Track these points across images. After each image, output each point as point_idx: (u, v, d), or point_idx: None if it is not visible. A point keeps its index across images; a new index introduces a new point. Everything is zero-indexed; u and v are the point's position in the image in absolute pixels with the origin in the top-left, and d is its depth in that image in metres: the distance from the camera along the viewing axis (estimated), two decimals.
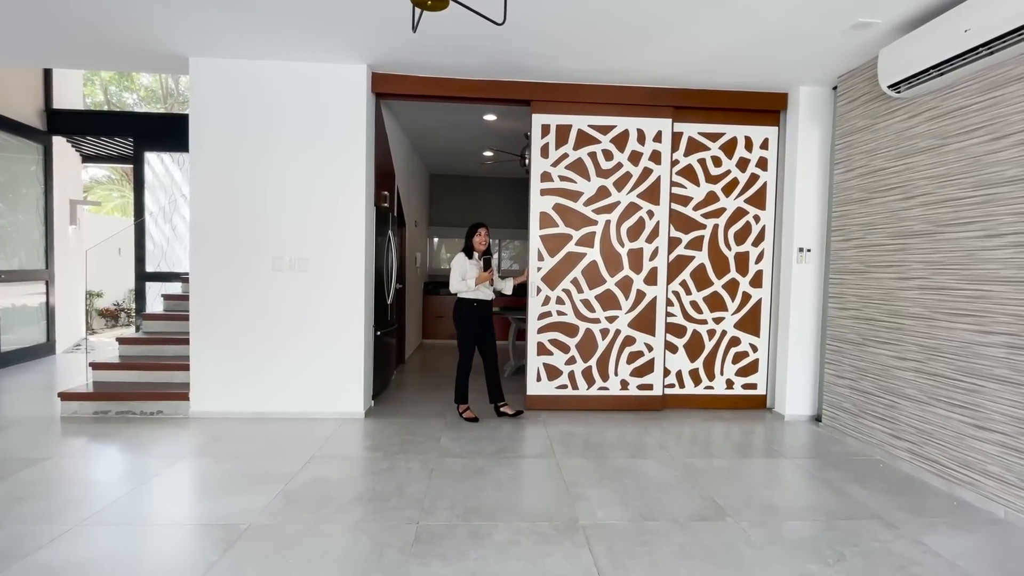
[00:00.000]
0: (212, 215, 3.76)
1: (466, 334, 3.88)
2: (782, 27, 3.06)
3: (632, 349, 4.20)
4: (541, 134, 4.11)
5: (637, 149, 4.14)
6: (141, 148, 6.13)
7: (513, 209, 8.44)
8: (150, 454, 3.11)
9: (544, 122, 4.10)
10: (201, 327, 3.79)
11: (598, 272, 4.18)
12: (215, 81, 3.72)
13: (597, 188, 4.15)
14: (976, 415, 2.68)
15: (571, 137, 4.13)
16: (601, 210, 4.16)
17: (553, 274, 4.17)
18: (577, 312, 4.18)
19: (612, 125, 4.13)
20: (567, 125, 4.12)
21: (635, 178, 4.15)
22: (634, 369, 4.21)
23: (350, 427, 3.66)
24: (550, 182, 4.15)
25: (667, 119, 4.12)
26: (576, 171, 4.15)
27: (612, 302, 4.19)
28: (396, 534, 2.23)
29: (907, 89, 3.00)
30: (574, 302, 4.18)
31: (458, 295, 3.89)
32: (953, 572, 2.05)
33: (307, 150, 3.78)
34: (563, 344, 4.18)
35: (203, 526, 2.29)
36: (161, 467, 2.92)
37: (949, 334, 2.84)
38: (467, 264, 3.84)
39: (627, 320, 4.20)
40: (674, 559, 2.09)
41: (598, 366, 4.20)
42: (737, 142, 4.23)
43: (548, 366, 4.18)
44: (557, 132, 4.12)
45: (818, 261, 4.07)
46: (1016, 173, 2.51)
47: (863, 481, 2.91)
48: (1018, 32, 2.33)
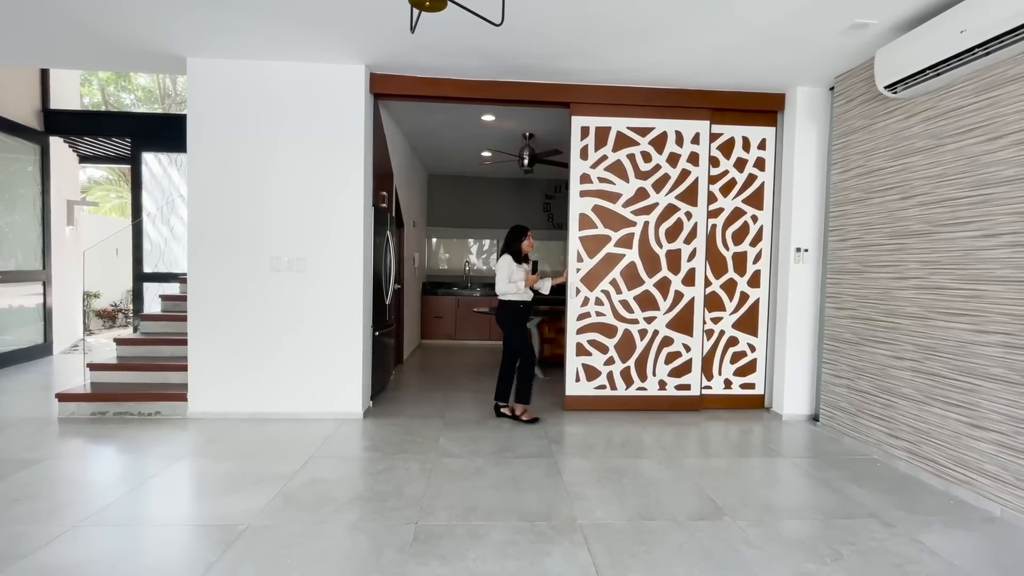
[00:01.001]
0: (210, 215, 3.76)
1: (520, 333, 3.91)
2: (779, 28, 3.07)
3: (670, 349, 4.24)
4: (580, 136, 4.14)
5: (675, 151, 4.18)
6: (139, 148, 6.12)
7: (511, 209, 8.45)
8: (148, 455, 3.11)
9: (583, 124, 4.13)
10: (199, 327, 3.78)
11: (637, 273, 4.21)
12: (213, 81, 3.72)
13: (636, 190, 4.18)
14: (973, 414, 2.69)
15: (610, 139, 4.16)
16: (640, 211, 4.20)
17: (592, 275, 4.20)
18: (616, 313, 4.21)
19: (651, 127, 4.17)
20: (606, 127, 4.15)
21: (673, 179, 4.19)
22: (672, 369, 4.25)
23: (348, 427, 3.66)
24: (589, 184, 4.17)
25: (705, 121, 4.16)
26: (615, 173, 4.18)
27: (651, 303, 4.22)
28: (395, 534, 2.23)
29: (904, 89, 3.01)
30: (613, 303, 4.21)
31: (503, 297, 3.90)
32: (950, 570, 2.05)
33: (305, 150, 3.78)
34: (602, 345, 4.21)
35: (201, 527, 2.29)
36: (159, 468, 2.91)
37: (946, 333, 2.85)
38: (514, 266, 3.86)
39: (665, 321, 4.23)
40: (672, 558, 2.10)
41: (636, 366, 4.23)
42: (735, 142, 4.24)
43: (587, 366, 4.21)
44: (596, 134, 4.15)
45: (816, 261, 4.08)
46: (1013, 173, 2.52)
47: (860, 480, 2.92)
48: (1014, 33, 2.34)
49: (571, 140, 4.14)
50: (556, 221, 8.52)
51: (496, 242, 8.53)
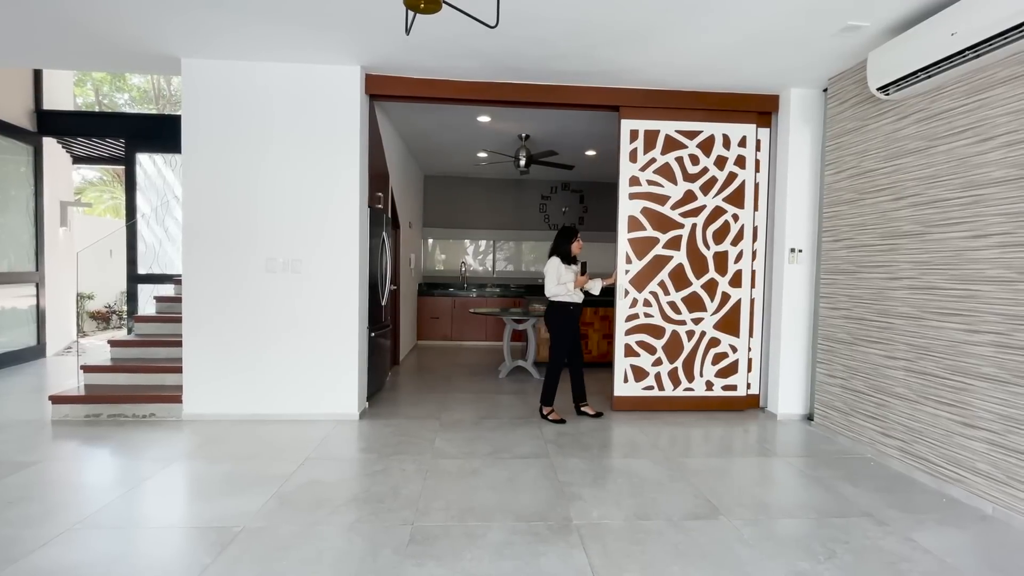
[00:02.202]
0: (205, 216, 3.75)
1: (564, 337, 3.92)
2: (773, 30, 3.09)
3: (717, 350, 4.27)
4: (629, 139, 4.18)
5: (723, 154, 4.22)
6: (133, 149, 6.09)
7: (507, 210, 8.46)
8: (143, 457, 3.09)
9: (632, 127, 4.17)
10: (194, 329, 3.77)
11: (684, 274, 4.24)
12: (208, 82, 3.71)
13: (684, 192, 4.22)
14: (965, 413, 2.72)
15: (659, 142, 4.20)
16: (688, 214, 4.23)
17: (640, 277, 4.23)
18: (664, 314, 4.24)
19: (699, 130, 4.21)
20: (655, 130, 4.19)
21: (720, 182, 4.22)
22: (719, 370, 4.28)
23: (344, 429, 3.66)
24: (638, 186, 4.20)
25: (751, 124, 4.21)
26: (664, 175, 4.21)
27: (698, 304, 4.25)
28: (391, 535, 2.24)
29: (896, 91, 3.03)
30: (661, 304, 4.24)
31: (552, 299, 3.92)
32: (942, 568, 2.07)
33: (300, 151, 3.78)
34: (650, 346, 4.25)
35: (196, 529, 2.28)
36: (154, 470, 2.90)
37: (938, 333, 2.87)
38: (563, 268, 3.89)
39: (712, 322, 4.26)
40: (667, 557, 2.10)
41: (684, 367, 4.26)
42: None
43: (635, 367, 4.25)
44: (645, 137, 4.19)
45: (810, 261, 4.11)
46: (1002, 174, 2.55)
47: (854, 479, 2.94)
48: (1003, 36, 2.37)
49: (620, 143, 4.18)
50: (552, 222, 8.53)
51: (492, 243, 8.54)
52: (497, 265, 8.58)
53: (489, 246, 8.56)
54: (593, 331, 6.10)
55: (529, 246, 8.59)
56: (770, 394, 4.26)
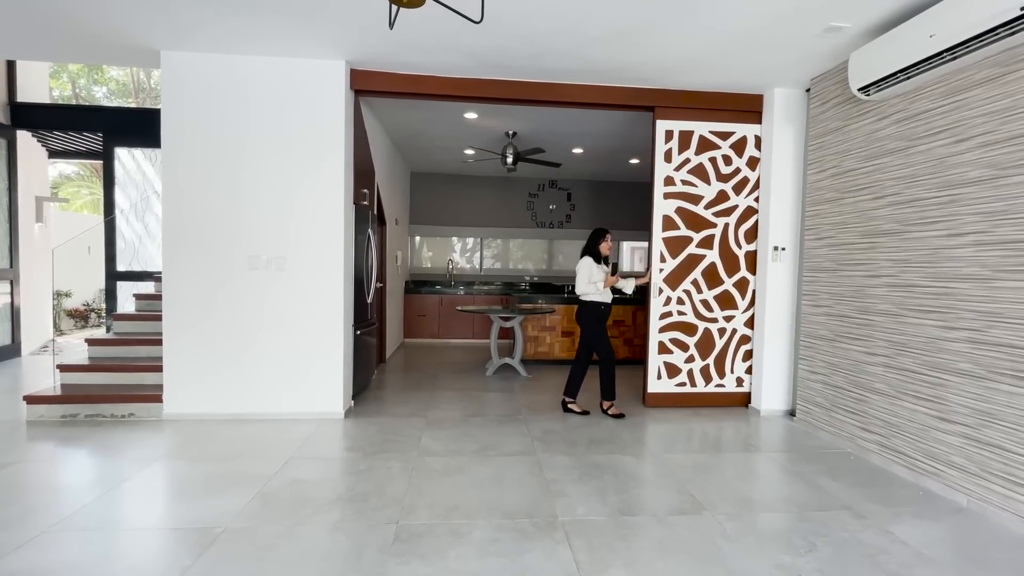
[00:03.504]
0: (186, 213, 3.68)
1: (603, 332, 4.00)
2: (759, 30, 3.12)
3: (748, 348, 4.35)
4: (664, 139, 4.23)
5: (755, 155, 4.28)
6: (111, 143, 5.96)
7: (495, 208, 8.44)
8: (121, 458, 3.03)
9: (667, 128, 4.23)
10: (175, 327, 3.70)
11: (717, 273, 4.30)
12: (189, 75, 3.64)
13: (717, 192, 4.27)
14: (941, 408, 2.78)
15: (693, 143, 4.25)
16: (720, 213, 4.28)
17: (674, 275, 4.28)
18: (696, 312, 4.30)
19: (731, 131, 4.26)
20: (689, 131, 4.25)
21: (752, 183, 4.28)
22: (749, 367, 4.37)
23: (329, 427, 3.62)
24: (672, 186, 4.26)
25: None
26: (697, 175, 4.26)
27: (730, 302, 4.32)
28: (375, 534, 2.22)
29: (876, 92, 3.08)
30: (694, 302, 4.30)
31: (584, 298, 3.99)
32: (918, 560, 2.12)
33: (284, 147, 3.72)
34: (683, 343, 4.31)
35: (177, 530, 2.24)
36: (133, 471, 2.85)
37: (916, 330, 2.93)
38: (594, 267, 3.95)
39: (743, 320, 4.33)
40: (651, 553, 2.12)
41: (716, 364, 4.33)
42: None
43: (668, 364, 4.31)
44: (680, 138, 4.24)
45: (793, 259, 4.16)
46: (978, 175, 2.61)
47: (834, 473, 3.00)
48: (979, 38, 2.42)
49: (655, 143, 4.23)
50: (539, 220, 8.54)
51: (479, 240, 8.52)
52: (485, 263, 8.56)
53: (476, 244, 8.54)
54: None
55: (517, 244, 8.59)
56: (754, 390, 4.32)
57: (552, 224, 8.55)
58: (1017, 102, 2.43)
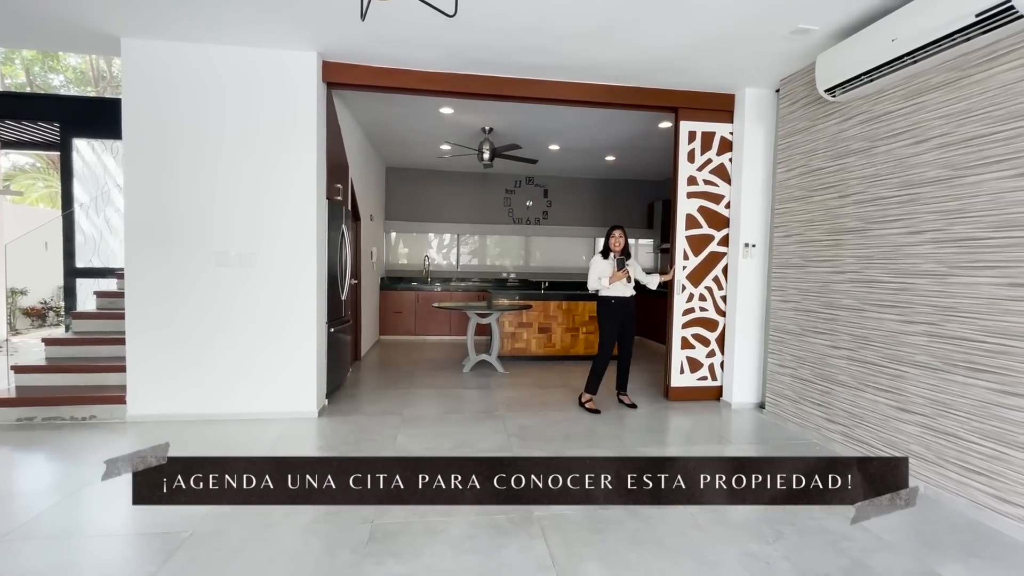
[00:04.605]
0: (149, 207, 3.54)
1: (607, 329, 4.05)
2: (730, 30, 3.17)
3: None
4: (688, 140, 4.31)
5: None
6: (68, 134, 5.69)
7: (471, 204, 8.40)
8: (82, 462, 2.92)
9: (690, 129, 4.31)
10: (138, 325, 3.57)
11: None
12: (151, 64, 3.50)
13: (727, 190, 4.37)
14: (900, 399, 2.89)
15: (715, 143, 4.32)
16: None
17: (696, 272, 4.37)
18: (718, 308, 4.39)
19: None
20: (711, 132, 4.33)
21: None
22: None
23: (302, 427, 3.56)
24: (695, 185, 4.34)
25: None
26: (719, 175, 4.33)
27: None
28: (349, 534, 2.19)
29: (842, 93, 3.18)
30: (715, 299, 4.38)
31: (598, 293, 4.07)
32: (879, 544, 2.21)
33: (253, 140, 3.62)
34: (704, 338, 4.39)
35: (141, 535, 2.17)
36: (94, 475, 2.73)
37: (877, 324, 3.04)
38: (603, 264, 4.00)
39: None
40: (625, 545, 2.15)
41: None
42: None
43: (690, 359, 4.41)
44: (702, 139, 4.31)
45: (762, 256, 4.26)
46: (935, 175, 2.71)
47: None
48: (937, 43, 2.51)
49: (678, 144, 4.31)
50: (515, 216, 8.53)
51: (456, 237, 8.48)
52: (461, 259, 8.52)
53: (453, 240, 8.49)
54: (556, 324, 6.16)
55: (494, 240, 8.57)
56: (725, 384, 4.42)
57: (529, 221, 8.56)
58: (972, 105, 2.54)
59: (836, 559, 2.10)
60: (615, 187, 8.69)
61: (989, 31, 2.33)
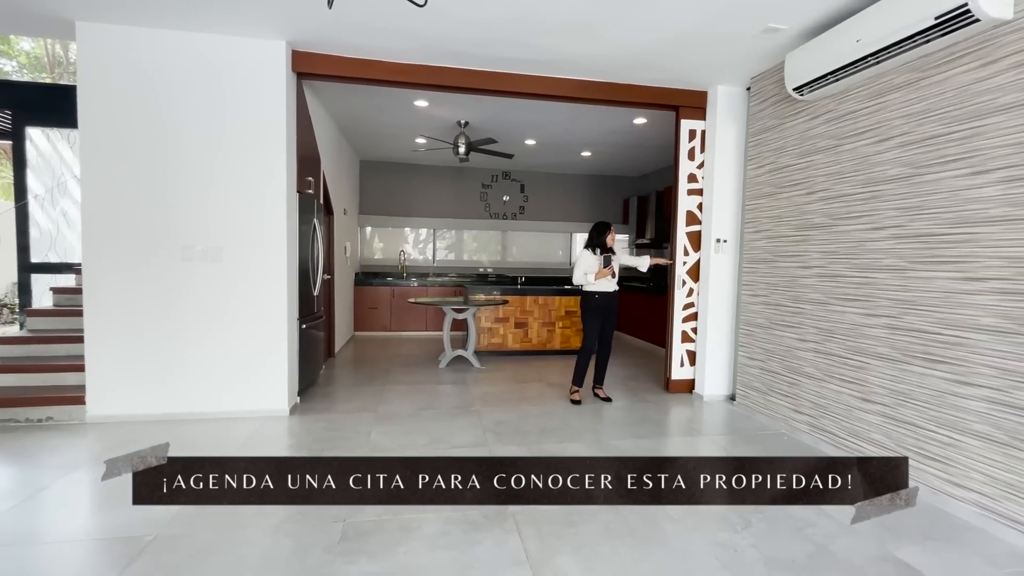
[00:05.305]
0: (109, 199, 3.40)
1: (589, 323, 4.13)
2: (700, 29, 3.21)
3: None
4: (688, 138, 4.38)
5: None
6: (22, 122, 5.41)
7: (448, 198, 8.33)
8: (38, 465, 2.79)
9: (691, 127, 4.38)
10: (99, 323, 3.43)
11: None
12: (108, 50, 3.35)
13: None
14: (862, 389, 2.99)
15: None
16: None
17: (696, 267, 4.44)
18: None
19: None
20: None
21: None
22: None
23: (273, 425, 3.48)
24: (695, 183, 4.41)
25: None
26: None
27: None
28: (321, 534, 2.16)
29: (809, 92, 3.25)
30: None
31: (582, 288, 4.12)
32: (841, 530, 2.29)
33: (219, 130, 3.50)
34: None
35: (101, 541, 2.09)
36: (51, 479, 2.63)
37: (841, 317, 3.14)
38: (591, 260, 4.05)
39: None
40: (599, 537, 2.18)
41: None
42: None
43: (690, 352, 4.50)
44: (702, 137, 4.38)
45: (734, 251, 4.35)
46: (896, 172, 2.81)
47: (769, 453, 3.17)
48: (899, 45, 2.59)
49: (679, 142, 4.39)
50: (492, 211, 8.50)
51: (432, 231, 8.40)
52: (438, 254, 8.45)
53: (429, 235, 8.41)
54: (533, 319, 6.18)
55: (471, 235, 8.52)
56: (697, 377, 4.50)
57: (506, 215, 8.54)
58: (931, 105, 2.63)
59: (801, 545, 2.16)
60: (591, 183, 8.74)
61: (947, 34, 2.41)
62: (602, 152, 7.05)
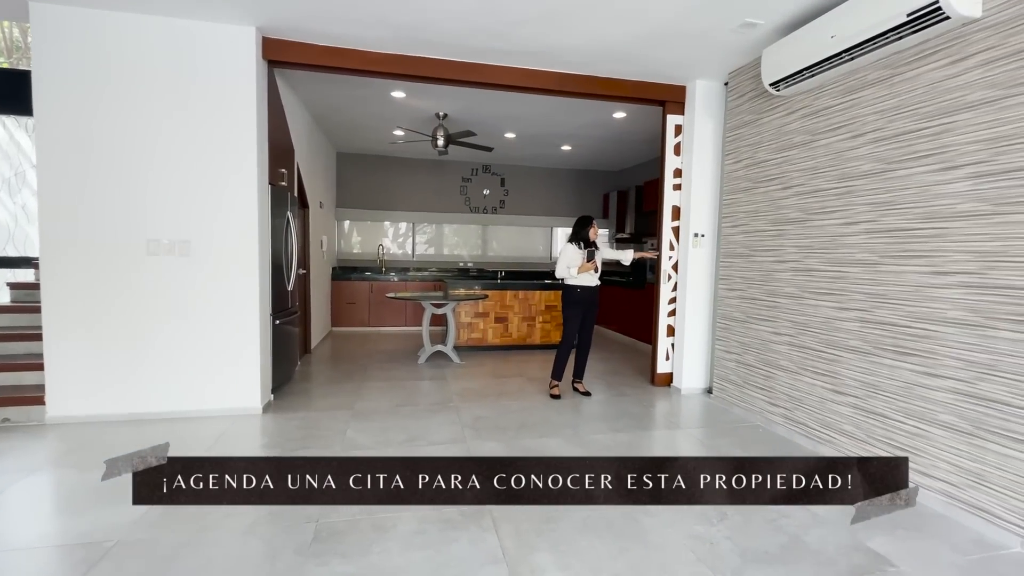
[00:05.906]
0: (68, 191, 3.25)
1: (570, 316, 4.11)
2: (679, 21, 3.19)
3: None
4: (674, 133, 4.40)
5: None
6: None
7: (427, 192, 8.23)
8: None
9: (677, 123, 4.40)
10: (58, 320, 3.29)
11: None
12: (66, 32, 3.18)
13: None
14: (835, 382, 3.05)
15: None
16: None
17: None
18: None
19: None
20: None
21: None
22: None
23: (245, 424, 3.39)
24: (680, 178, 4.43)
25: None
26: None
27: None
28: (293, 536, 2.10)
29: (786, 88, 3.27)
30: None
31: (564, 281, 4.11)
32: (814, 519, 2.32)
33: (185, 119, 3.37)
34: None
35: (59, 547, 2.00)
36: (7, 482, 2.51)
37: (815, 311, 3.19)
38: (575, 253, 4.04)
39: None
40: (576, 533, 2.17)
41: None
42: None
43: (674, 347, 4.52)
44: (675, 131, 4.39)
45: (711, 246, 4.38)
46: (869, 168, 2.84)
47: (744, 446, 3.21)
48: (872, 41, 2.61)
49: (665, 137, 4.40)
50: (472, 204, 8.43)
51: (411, 225, 8.30)
52: (417, 248, 8.35)
53: (408, 228, 8.31)
54: (513, 314, 6.15)
55: (451, 229, 8.44)
56: (675, 370, 4.53)
57: (486, 209, 8.48)
58: (903, 102, 2.66)
59: (775, 536, 2.19)
60: (572, 177, 8.73)
61: (918, 31, 2.44)
62: (582, 146, 7.04)
